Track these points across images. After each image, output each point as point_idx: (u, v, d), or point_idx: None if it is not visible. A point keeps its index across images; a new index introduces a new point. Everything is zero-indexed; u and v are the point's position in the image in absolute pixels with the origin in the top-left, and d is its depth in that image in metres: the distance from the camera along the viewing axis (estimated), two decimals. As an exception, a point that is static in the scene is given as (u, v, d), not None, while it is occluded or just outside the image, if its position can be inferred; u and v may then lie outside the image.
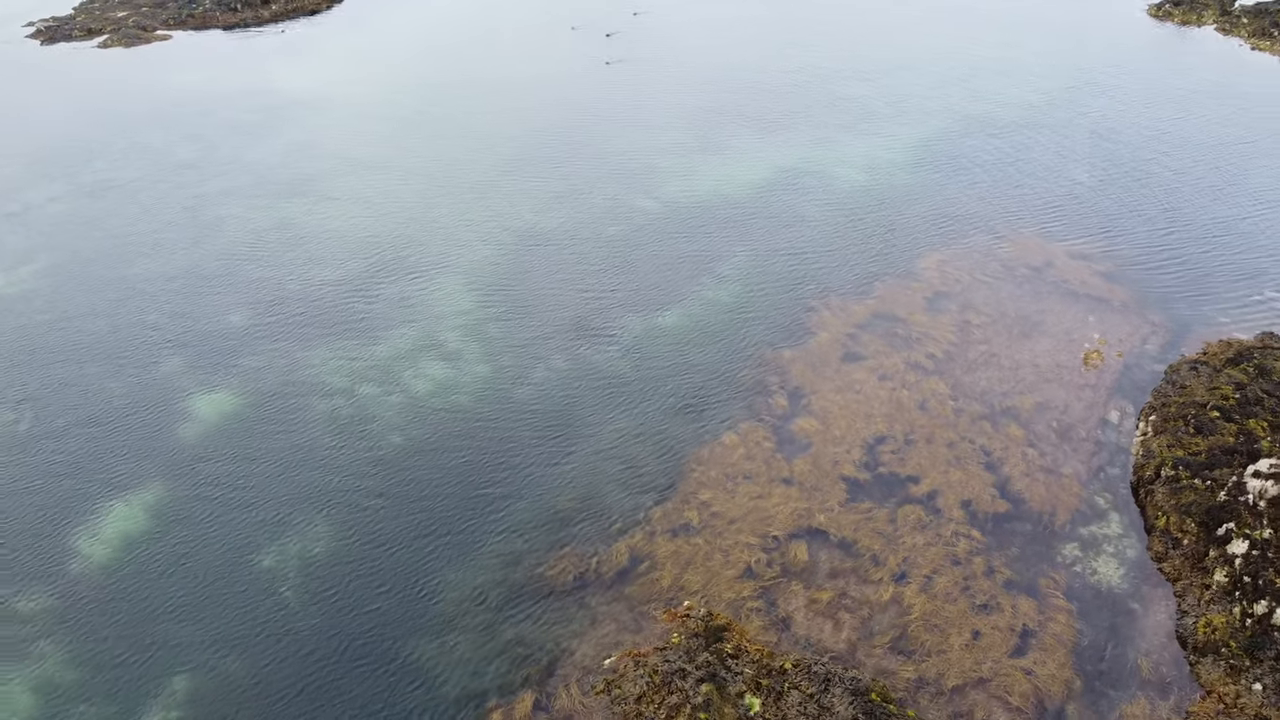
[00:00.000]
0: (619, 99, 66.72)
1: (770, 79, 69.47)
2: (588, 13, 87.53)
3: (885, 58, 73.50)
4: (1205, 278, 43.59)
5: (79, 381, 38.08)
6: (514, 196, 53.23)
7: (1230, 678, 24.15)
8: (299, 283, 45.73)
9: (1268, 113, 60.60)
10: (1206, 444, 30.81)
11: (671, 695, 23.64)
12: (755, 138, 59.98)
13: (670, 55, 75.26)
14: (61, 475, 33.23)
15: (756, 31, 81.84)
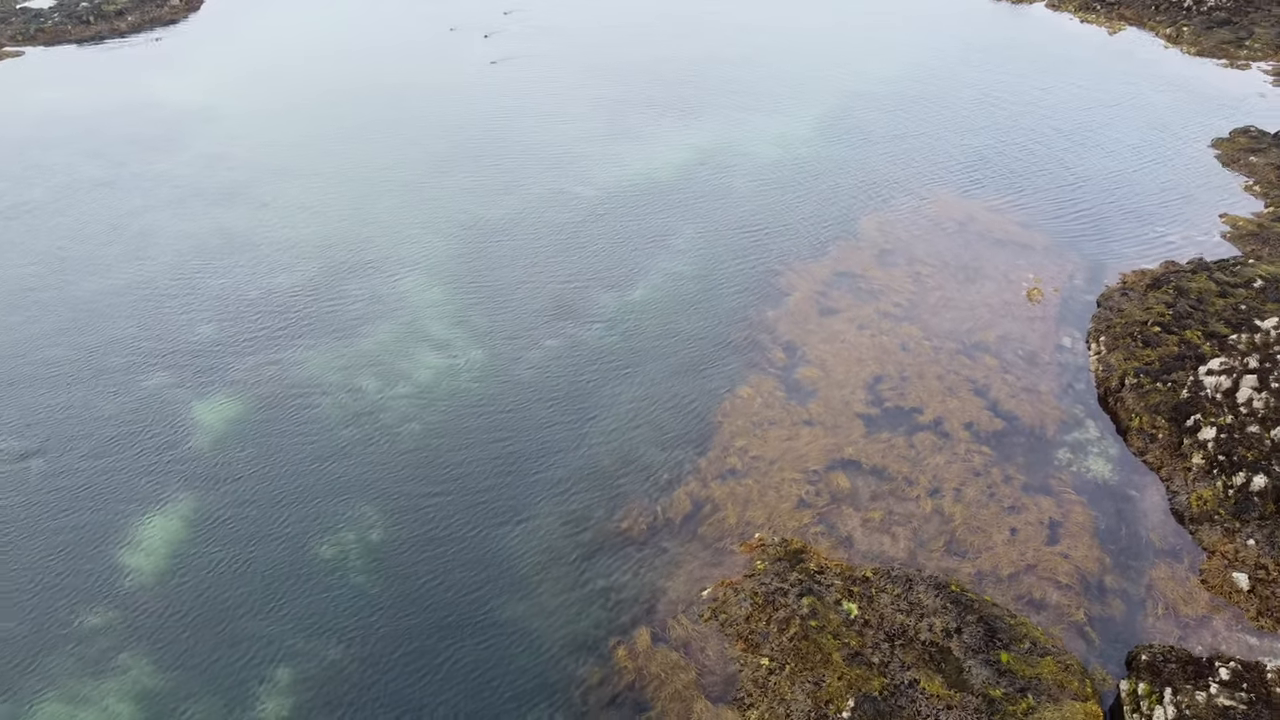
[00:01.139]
0: (528, 95, 68.09)
1: (667, 69, 72.32)
2: (457, 14, 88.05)
3: (767, 44, 77.71)
4: (1104, 220, 49.22)
5: (68, 408, 36.88)
6: (454, 192, 54.06)
7: (1227, 538, 28.57)
8: (260, 289, 45.35)
9: (1116, 77, 68.08)
10: (1156, 354, 35.62)
11: (777, 611, 26.04)
12: (669, 123, 62.68)
13: (556, 52, 76.98)
14: (86, 499, 32.44)
15: (634, 26, 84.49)
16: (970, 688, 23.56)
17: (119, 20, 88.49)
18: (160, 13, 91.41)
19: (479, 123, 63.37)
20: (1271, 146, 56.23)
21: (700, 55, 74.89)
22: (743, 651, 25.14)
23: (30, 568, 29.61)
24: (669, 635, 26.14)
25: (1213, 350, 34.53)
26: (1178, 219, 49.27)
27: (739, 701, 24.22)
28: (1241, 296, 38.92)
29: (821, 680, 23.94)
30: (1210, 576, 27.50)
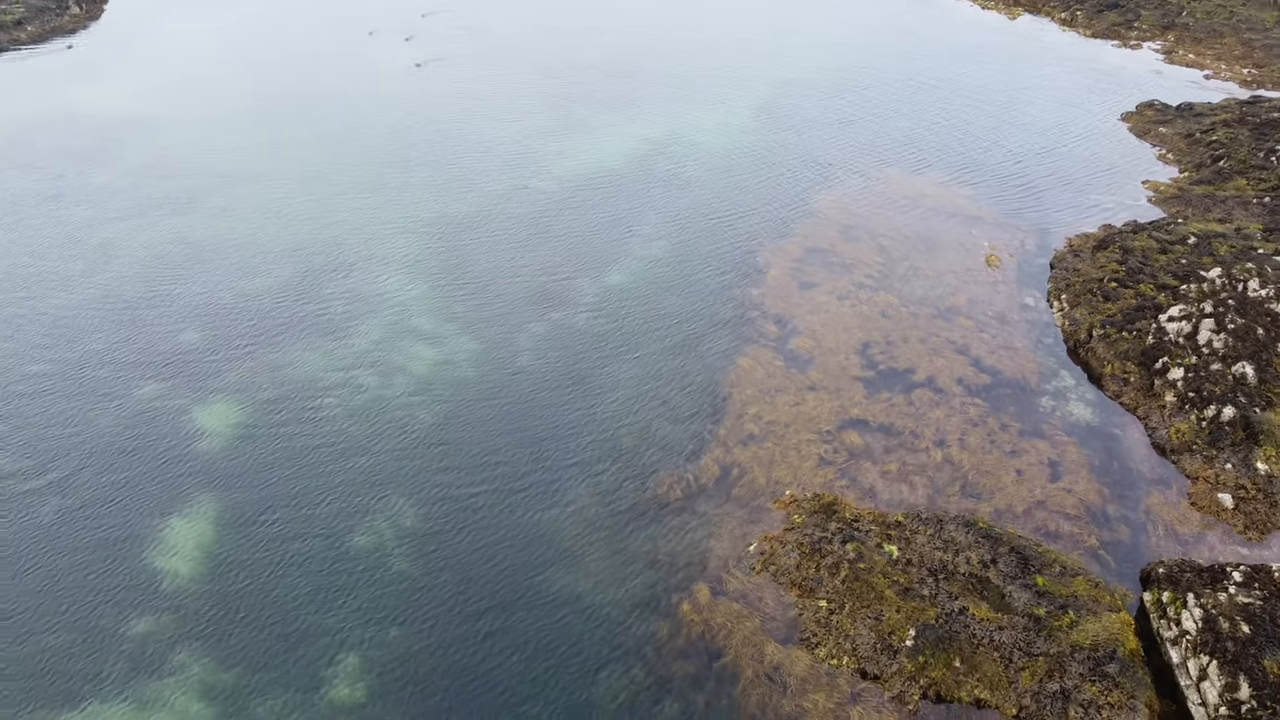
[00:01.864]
0: (467, 95, 68.45)
1: (598, 65, 73.62)
2: (371, 18, 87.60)
3: (693, 39, 79.84)
4: (1041, 190, 52.73)
5: (66, 424, 36.07)
6: (413, 191, 54.32)
7: (1207, 465, 31.61)
8: (237, 294, 45.01)
9: (1027, 60, 72.45)
10: (1117, 307, 38.77)
11: (825, 558, 27.82)
12: (612, 117, 64.05)
13: (482, 52, 77.43)
14: (108, 512, 31.89)
15: (553, 25, 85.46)
16: (1015, 609, 25.72)
17: (18, 30, 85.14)
18: (61, 21, 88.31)
19: (423, 123, 63.52)
20: (1176, 118, 60.88)
21: (626, 51, 76.44)
22: (799, 597, 26.78)
23: (68, 582, 29.20)
24: (726, 588, 27.59)
25: (1168, 300, 37.79)
26: (1106, 187, 53.08)
27: (805, 641, 25.83)
28: (1180, 252, 42.49)
29: (880, 615, 25.76)
30: (1198, 499, 30.40)
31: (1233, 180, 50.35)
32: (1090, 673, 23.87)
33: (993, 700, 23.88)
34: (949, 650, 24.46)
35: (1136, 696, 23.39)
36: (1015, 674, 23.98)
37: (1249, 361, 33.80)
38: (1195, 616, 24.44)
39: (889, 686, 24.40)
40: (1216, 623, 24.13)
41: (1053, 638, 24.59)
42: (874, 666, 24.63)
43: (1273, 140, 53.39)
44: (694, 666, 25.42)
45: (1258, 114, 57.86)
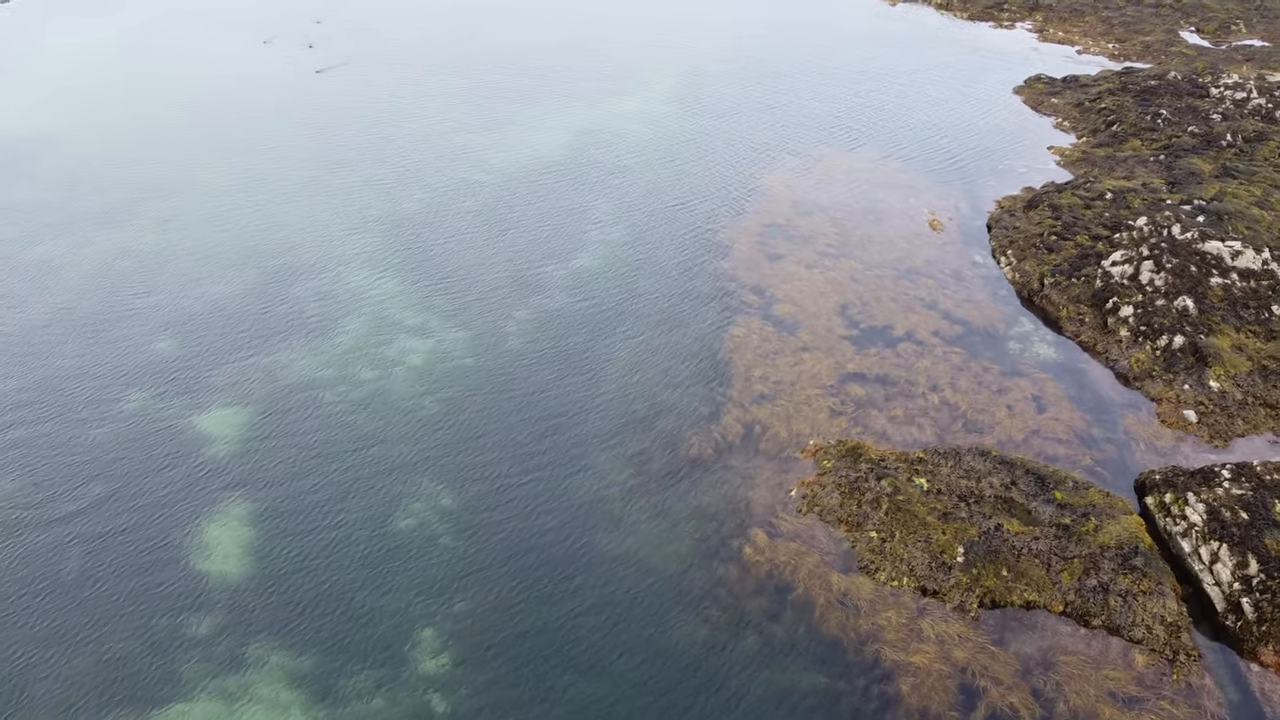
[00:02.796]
0: (386, 95, 68.19)
1: (508, 61, 74.32)
2: (261, 25, 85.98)
3: (596, 34, 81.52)
4: (960, 160, 56.83)
5: (56, 445, 34.87)
6: (356, 192, 54.18)
7: (1168, 387, 35.51)
8: (202, 302, 44.37)
9: (919, 43, 77.32)
10: (1061, 257, 42.68)
11: (864, 495, 30.17)
12: (534, 110, 65.13)
13: (387, 54, 77.04)
14: (135, 524, 31.23)
15: (453, 26, 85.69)
16: (1042, 522, 28.62)
17: (-122, 49, 79.59)
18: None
19: (349, 126, 63.12)
20: (1065, 89, 66.28)
21: (532, 48, 77.44)
22: (848, 532, 29.01)
23: (120, 597, 28.72)
24: (780, 530, 29.57)
25: (1106, 248, 41.84)
26: (1017, 153, 57.60)
27: (865, 569, 28.08)
28: (1102, 207, 46.88)
29: (928, 538, 28.24)
30: (1166, 417, 34.17)
31: (1129, 142, 55.49)
32: (1120, 567, 26.89)
33: (1041, 600, 26.61)
34: (996, 562, 27.09)
35: (1163, 582, 26.52)
36: (1056, 575, 26.79)
37: (1188, 295, 37.95)
38: (1199, 510, 27.80)
39: (949, 599, 26.83)
40: (1219, 513, 27.54)
41: (1082, 541, 27.53)
42: (932, 583, 27.01)
43: (1156, 105, 58.97)
44: (767, 601, 27.24)
45: (1136, 83, 63.64)
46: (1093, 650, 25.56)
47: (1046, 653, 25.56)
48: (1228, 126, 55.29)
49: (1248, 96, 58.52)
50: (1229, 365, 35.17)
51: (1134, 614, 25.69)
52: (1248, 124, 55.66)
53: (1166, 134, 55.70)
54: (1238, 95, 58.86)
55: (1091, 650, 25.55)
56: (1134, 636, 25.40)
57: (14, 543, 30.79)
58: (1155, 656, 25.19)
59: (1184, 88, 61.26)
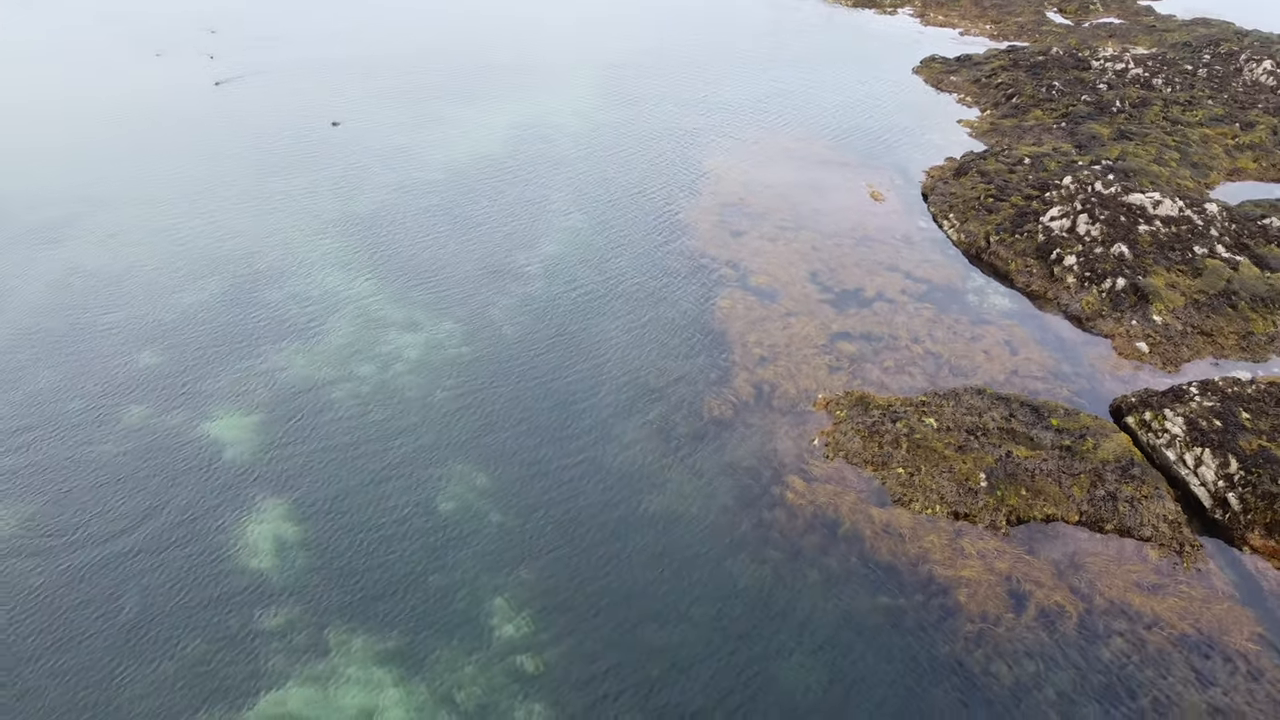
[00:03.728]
0: (308, 100, 67.53)
1: (427, 62, 74.65)
2: (148, 37, 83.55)
3: (507, 31, 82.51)
4: (881, 136, 60.71)
5: (58, 464, 34.12)
6: (304, 196, 53.94)
7: (1118, 324, 39.66)
8: (173, 312, 43.79)
9: (814, 32, 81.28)
10: (1001, 217, 46.67)
11: (883, 438, 32.94)
12: (467, 109, 65.94)
13: (297, 61, 76.26)
14: (175, 538, 31.09)
15: (351, 30, 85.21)
16: (1045, 446, 31.95)
17: None
18: None
19: (278, 132, 62.35)
20: (960, 68, 71.24)
21: (447, 48, 78.01)
22: (875, 471, 31.68)
23: (181, 604, 28.60)
24: (814, 475, 31.98)
25: (1041, 206, 46.00)
26: (931, 127, 61.89)
27: (900, 501, 30.77)
28: (1024, 170, 51.27)
29: (951, 469, 31.17)
30: (1122, 349, 38.23)
31: (1031, 112, 60.41)
32: (1121, 477, 30.40)
33: (1059, 513, 29.85)
34: (1015, 483, 30.20)
35: (1159, 487, 30.15)
36: (1069, 490, 30.08)
37: (1122, 243, 42.29)
38: (1178, 424, 31.61)
39: (980, 519, 29.77)
40: (1197, 424, 31.41)
41: (1084, 459, 30.94)
42: (963, 507, 29.90)
43: (1047, 78, 64.24)
44: (818, 538, 29.58)
45: (1024, 60, 69.01)
46: (1111, 550, 28.87)
47: (1073, 556, 28.73)
48: (1115, 95, 60.80)
49: (1126, 67, 64.38)
50: (1167, 301, 39.51)
51: (1140, 516, 29.13)
52: (1131, 91, 61.34)
53: (1063, 104, 60.82)
54: (1117, 66, 64.66)
55: (1110, 550, 28.86)
56: (1144, 535, 28.83)
57: (57, 563, 30.21)
58: (1165, 550, 28.68)
59: (1068, 62, 66.80)
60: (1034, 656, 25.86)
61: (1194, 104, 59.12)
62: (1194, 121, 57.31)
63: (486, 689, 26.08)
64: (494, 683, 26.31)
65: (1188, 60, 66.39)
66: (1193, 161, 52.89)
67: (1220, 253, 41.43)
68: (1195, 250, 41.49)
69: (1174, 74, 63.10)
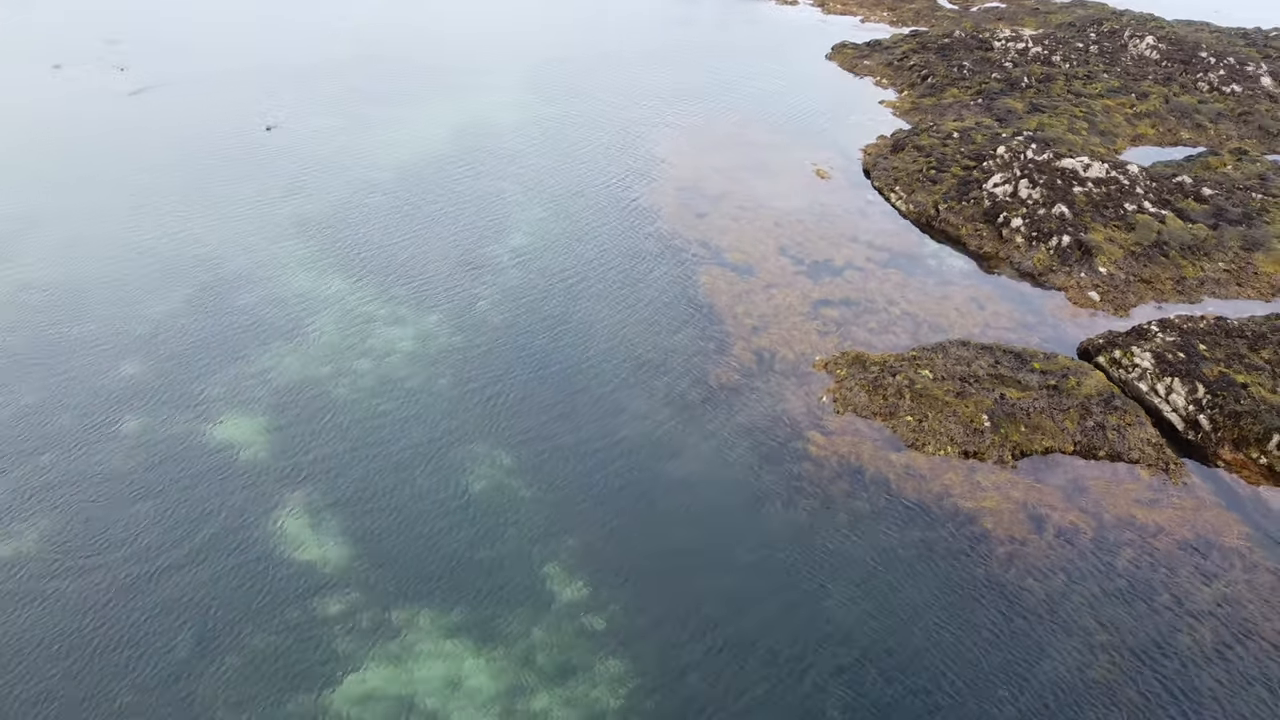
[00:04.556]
0: (235, 109, 66.12)
1: (352, 65, 73.81)
2: (41, 49, 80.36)
3: (417, 32, 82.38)
4: (812, 119, 63.63)
5: (69, 478, 33.54)
6: (254, 200, 53.06)
7: (1069, 277, 43.20)
8: (147, 323, 42.95)
9: (720, 24, 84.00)
10: (946, 187, 49.98)
11: (886, 390, 35.30)
12: (403, 109, 65.88)
13: (213, 71, 74.69)
14: (215, 543, 31.13)
15: (259, 35, 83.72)
16: (1034, 387, 34.93)
17: None
18: None
19: (212, 140, 60.88)
20: (872, 53, 74.97)
21: (359, 53, 77.31)
22: (885, 421, 34.06)
23: (234, 599, 28.66)
24: (830, 429, 34.14)
25: (981, 174, 49.47)
26: (855, 109, 65.20)
27: (914, 446, 33.20)
28: (955, 144, 54.82)
29: (955, 413, 33.79)
30: (1076, 299, 41.75)
31: (947, 91, 64.31)
32: (1105, 409, 33.56)
33: (1056, 445, 32.79)
34: (1015, 421, 33.00)
35: (1139, 415, 33.43)
36: (1062, 423, 33.06)
37: (1062, 203, 45.98)
38: (1147, 358, 35.02)
39: (989, 456, 32.45)
40: (1164, 356, 34.87)
41: (1070, 395, 34.00)
42: (972, 446, 32.52)
43: (957, 59, 68.38)
44: (847, 484, 31.72)
45: (931, 43, 73.15)
46: (1107, 474, 31.93)
47: (1076, 481, 31.66)
48: (1021, 72, 65.25)
49: (1026, 47, 69.06)
50: (1108, 254, 43.26)
51: (1128, 442, 32.29)
52: (1035, 69, 65.91)
53: (976, 82, 64.92)
54: (1018, 46, 69.29)
55: (1106, 474, 31.91)
56: (1132, 458, 31.97)
57: (109, 578, 29.76)
58: (1153, 469, 31.89)
59: (972, 44, 71.17)
60: (1060, 570, 28.50)
61: (1092, 78, 63.97)
62: (1095, 94, 62.04)
63: (562, 648, 27.14)
64: (567, 642, 27.39)
65: (1078, 39, 71.58)
66: (1100, 130, 57.38)
67: (1148, 208, 45.47)
68: (1126, 207, 45.41)
69: (1069, 51, 68.03)
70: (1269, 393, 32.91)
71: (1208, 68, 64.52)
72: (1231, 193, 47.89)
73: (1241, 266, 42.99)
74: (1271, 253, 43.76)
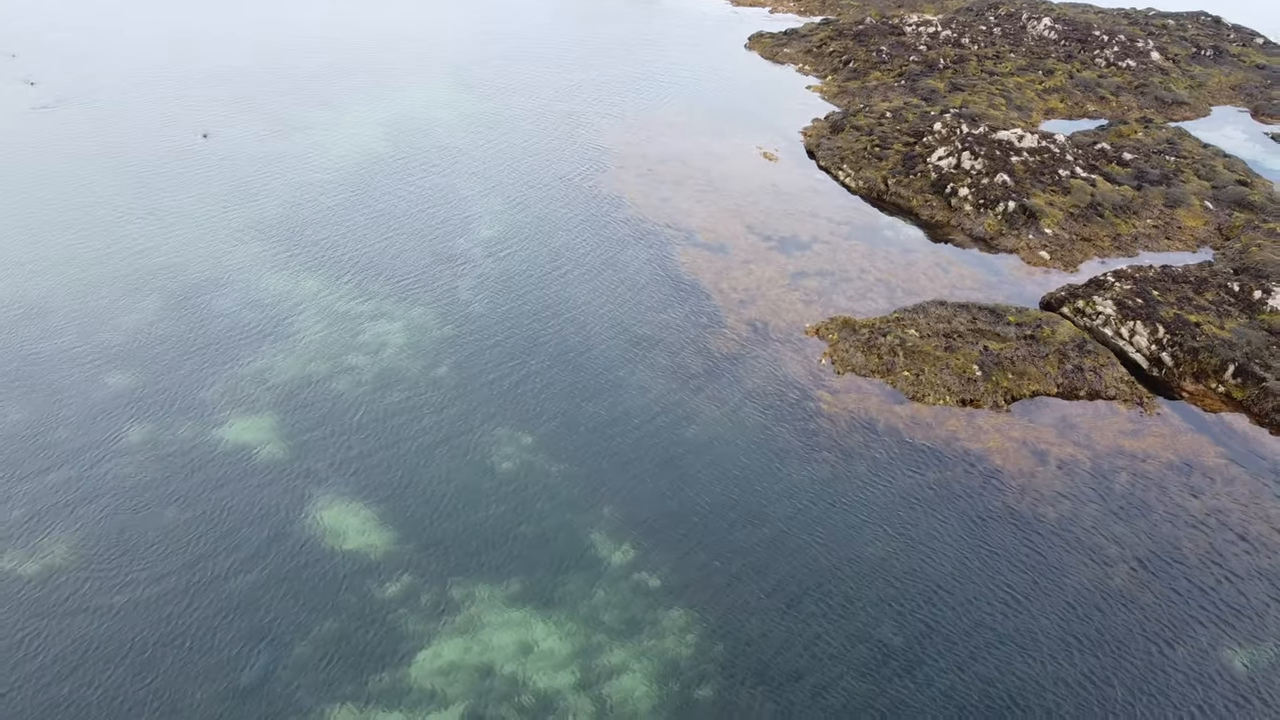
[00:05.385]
0: (160, 118, 64.51)
1: (267, 69, 72.70)
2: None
3: (326, 34, 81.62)
4: (746, 106, 65.95)
5: (82, 489, 32.99)
6: (201, 208, 51.91)
7: (1019, 240, 46.58)
8: (122, 333, 42.12)
9: (635, 19, 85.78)
10: (892, 162, 52.96)
11: (880, 349, 37.71)
12: (334, 110, 65.23)
13: (127, 82, 72.60)
14: (263, 543, 31.11)
15: (169, 41, 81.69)
16: (1012, 338, 37.84)
17: None
18: None
19: (139, 151, 59.32)
20: (789, 41, 77.99)
21: (282, 54, 76.31)
22: (884, 377, 36.41)
23: (289, 592, 28.85)
24: (835, 388, 36.29)
25: (924, 149, 52.61)
26: (785, 94, 67.91)
27: (915, 399, 35.65)
28: (890, 122, 57.97)
29: (947, 365, 36.40)
30: (1028, 258, 45.10)
31: (870, 74, 67.62)
32: (1080, 353, 36.67)
33: (1042, 388, 35.70)
34: (1003, 369, 35.79)
35: (1110, 357, 36.66)
36: (1044, 369, 36.01)
37: (1003, 172, 49.41)
38: (1109, 306, 38.36)
39: (984, 403, 35.12)
40: (1124, 303, 38.25)
41: (1047, 343, 37.02)
42: (967, 395, 35.15)
43: (874, 44, 71.86)
44: (861, 436, 33.92)
45: (846, 30, 76.55)
46: (1090, 411, 34.97)
47: (1065, 419, 34.58)
48: (937, 54, 69.07)
49: (937, 31, 73.05)
50: (1051, 216, 46.78)
51: (1104, 381, 35.43)
52: (948, 51, 69.85)
53: (897, 65, 68.43)
54: (929, 30, 73.22)
55: (1089, 411, 34.95)
56: (1110, 395, 35.11)
57: (147, 588, 29.47)
58: (1129, 404, 35.08)
59: (885, 29, 74.82)
60: (1067, 496, 31.26)
61: (1001, 58, 68.23)
62: (1006, 72, 66.25)
63: (623, 606, 28.41)
64: (626, 600, 28.68)
65: (979, 22, 76.03)
66: (1016, 105, 61.44)
67: (1079, 174, 49.26)
68: (1060, 173, 49.09)
69: (976, 34, 72.27)
70: (1218, 329, 36.51)
71: (1103, 45, 69.55)
72: (1149, 156, 52.17)
73: (1167, 222, 47.05)
74: (1191, 209, 48.01)
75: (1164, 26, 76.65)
